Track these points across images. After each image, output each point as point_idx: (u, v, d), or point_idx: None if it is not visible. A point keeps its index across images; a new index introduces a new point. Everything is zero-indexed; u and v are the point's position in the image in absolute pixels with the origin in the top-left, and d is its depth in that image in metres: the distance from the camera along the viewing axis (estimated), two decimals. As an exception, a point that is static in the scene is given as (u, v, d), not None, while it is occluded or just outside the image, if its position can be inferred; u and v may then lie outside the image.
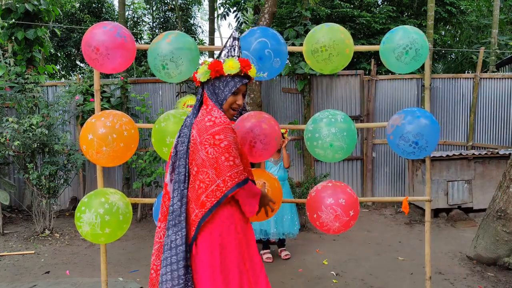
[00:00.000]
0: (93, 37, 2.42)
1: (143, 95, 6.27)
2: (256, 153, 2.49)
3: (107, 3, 12.55)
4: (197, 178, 1.95)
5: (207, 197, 1.92)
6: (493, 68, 7.75)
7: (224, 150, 1.89)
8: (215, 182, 1.90)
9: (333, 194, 2.52)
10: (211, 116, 1.95)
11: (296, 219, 4.31)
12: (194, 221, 1.95)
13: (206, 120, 1.94)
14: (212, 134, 1.89)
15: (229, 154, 1.90)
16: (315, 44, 2.52)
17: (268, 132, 2.48)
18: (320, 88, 6.76)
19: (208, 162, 1.90)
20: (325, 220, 2.53)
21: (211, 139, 1.89)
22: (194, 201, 1.97)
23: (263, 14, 6.14)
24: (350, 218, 2.51)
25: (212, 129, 1.90)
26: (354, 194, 2.62)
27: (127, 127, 2.51)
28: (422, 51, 2.52)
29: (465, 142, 6.74)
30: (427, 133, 2.50)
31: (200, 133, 1.93)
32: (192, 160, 1.97)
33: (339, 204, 2.49)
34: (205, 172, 1.92)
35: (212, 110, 1.98)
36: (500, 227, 3.94)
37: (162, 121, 2.54)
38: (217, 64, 1.99)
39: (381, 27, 8.49)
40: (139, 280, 3.85)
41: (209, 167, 1.90)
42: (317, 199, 2.58)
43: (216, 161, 1.89)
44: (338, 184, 2.64)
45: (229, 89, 2.00)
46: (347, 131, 2.53)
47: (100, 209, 2.44)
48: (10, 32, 6.27)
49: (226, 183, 1.90)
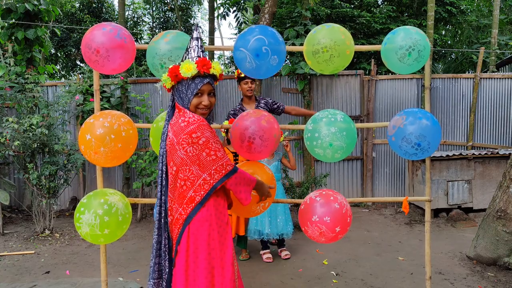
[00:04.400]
0: (93, 39, 2.41)
1: (143, 95, 6.27)
2: (255, 149, 2.49)
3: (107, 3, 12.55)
4: (177, 178, 1.99)
5: (195, 191, 1.96)
6: (493, 68, 7.75)
7: (203, 146, 1.93)
8: (200, 177, 1.95)
9: (318, 211, 2.51)
10: (184, 118, 1.99)
11: (290, 219, 4.32)
12: (178, 219, 2.00)
13: (180, 122, 1.98)
14: (189, 133, 1.93)
15: (210, 149, 1.94)
16: (316, 45, 2.52)
17: (267, 129, 2.49)
18: (320, 88, 6.76)
19: (189, 160, 1.94)
20: (311, 235, 2.57)
21: (188, 138, 1.93)
22: (177, 201, 2.01)
23: (263, 14, 6.14)
24: (336, 233, 2.52)
25: (188, 128, 1.93)
26: (344, 208, 2.55)
27: (125, 127, 2.49)
28: (424, 53, 2.51)
29: (465, 142, 6.75)
30: (429, 134, 2.50)
31: (176, 134, 1.96)
32: (170, 161, 2.01)
33: (324, 222, 2.49)
34: (187, 170, 1.95)
35: (185, 112, 2.02)
36: (500, 227, 3.94)
37: (160, 120, 2.54)
38: (175, 69, 2.01)
39: (381, 27, 8.50)
40: (139, 280, 3.85)
41: (191, 165, 1.94)
42: (304, 213, 2.59)
43: (198, 158, 1.93)
44: (327, 197, 2.58)
45: (191, 91, 2.01)
46: (346, 131, 2.53)
47: (99, 210, 2.43)
48: (10, 32, 6.27)
49: (212, 176, 1.95)
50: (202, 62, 2.01)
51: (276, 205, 4.20)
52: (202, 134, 1.94)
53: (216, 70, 2.06)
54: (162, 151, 2.06)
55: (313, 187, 5.77)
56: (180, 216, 1.99)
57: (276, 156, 4.27)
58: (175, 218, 2.02)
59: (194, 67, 1.99)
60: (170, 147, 2.00)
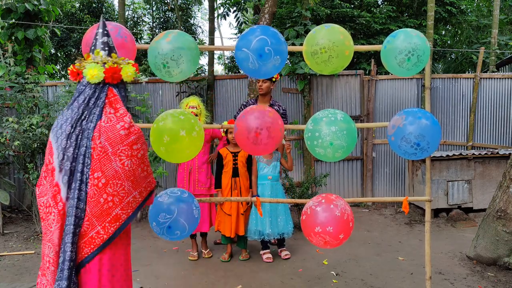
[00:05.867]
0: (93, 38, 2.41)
1: (143, 95, 6.27)
2: (261, 141, 2.48)
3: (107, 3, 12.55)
4: (104, 192, 1.75)
5: (122, 209, 1.77)
6: (493, 68, 7.75)
7: (140, 161, 1.82)
8: (131, 194, 1.80)
9: (320, 222, 2.53)
10: (124, 123, 1.80)
11: (290, 218, 4.32)
12: (94, 238, 1.75)
13: (119, 128, 1.78)
14: (130, 145, 1.78)
15: (144, 164, 1.85)
16: (315, 45, 2.52)
17: (273, 120, 2.52)
18: (320, 88, 6.76)
19: (124, 174, 1.76)
20: (316, 244, 2.63)
21: (128, 150, 1.77)
22: (97, 217, 1.75)
23: (263, 14, 6.14)
24: (340, 240, 2.57)
25: (129, 139, 1.78)
26: (345, 214, 2.57)
27: None
28: (423, 57, 2.51)
29: (465, 142, 6.75)
30: (429, 134, 2.49)
31: (113, 143, 1.76)
32: (96, 170, 1.75)
33: (327, 232, 2.52)
34: (119, 185, 1.76)
35: (124, 114, 1.84)
36: (500, 227, 3.94)
37: (160, 120, 2.53)
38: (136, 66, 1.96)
39: (381, 27, 8.49)
40: (139, 280, 3.85)
41: (124, 180, 1.77)
42: (307, 224, 2.61)
43: (133, 173, 1.79)
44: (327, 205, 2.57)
45: None
46: (347, 130, 2.53)
47: None
48: (10, 32, 6.27)
49: (142, 194, 1.85)
50: None
51: (276, 205, 4.20)
52: (141, 147, 1.82)
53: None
54: (84, 151, 1.77)
55: (313, 187, 5.77)
56: (97, 236, 1.75)
57: (275, 156, 4.27)
58: (89, 236, 1.76)
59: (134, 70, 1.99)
60: (102, 155, 1.75)
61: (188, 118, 2.53)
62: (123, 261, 1.87)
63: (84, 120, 1.82)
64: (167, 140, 2.43)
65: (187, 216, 2.52)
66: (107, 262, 1.80)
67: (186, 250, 4.68)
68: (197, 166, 4.37)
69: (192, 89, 6.65)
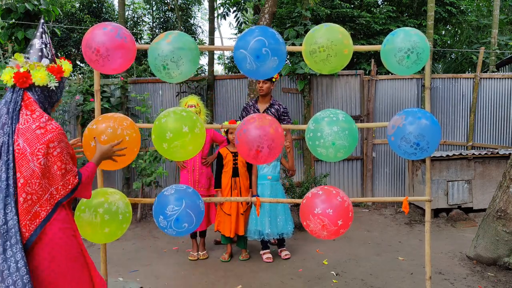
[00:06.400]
0: (93, 38, 2.41)
1: (143, 95, 6.27)
2: (261, 158, 2.50)
3: (107, 3, 12.54)
4: (23, 191, 1.82)
5: (41, 207, 1.85)
6: (493, 68, 7.75)
7: (57, 158, 1.88)
8: (48, 191, 1.87)
9: (320, 204, 2.52)
10: (39, 123, 1.88)
11: (290, 218, 4.32)
12: (25, 234, 1.82)
13: (34, 128, 1.87)
14: (46, 143, 1.85)
15: (61, 162, 1.89)
16: (313, 44, 2.52)
17: (274, 137, 2.50)
18: (320, 88, 6.76)
19: (40, 172, 1.84)
20: (313, 229, 2.56)
21: (44, 148, 1.84)
22: (22, 215, 1.82)
23: (263, 14, 6.14)
24: (338, 227, 2.51)
25: (45, 137, 1.86)
26: (346, 202, 2.57)
27: (128, 131, 2.48)
28: (423, 55, 2.51)
29: (465, 142, 6.75)
30: (429, 134, 2.50)
31: (31, 143, 1.84)
32: (17, 171, 1.83)
33: (326, 214, 2.49)
34: (37, 183, 1.84)
35: (41, 116, 1.91)
36: (500, 227, 3.94)
37: (163, 117, 2.53)
38: (59, 69, 2.03)
39: (381, 28, 8.49)
40: (139, 280, 3.85)
41: (41, 178, 1.84)
42: (306, 207, 2.60)
43: (48, 170, 1.86)
44: (329, 192, 2.59)
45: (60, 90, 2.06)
46: (348, 130, 2.53)
47: (99, 208, 2.43)
48: (10, 32, 6.26)
49: (59, 191, 1.89)
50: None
51: (276, 205, 4.20)
52: (59, 144, 1.89)
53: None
54: (6, 158, 1.84)
55: (313, 187, 5.76)
56: (27, 232, 1.82)
57: None
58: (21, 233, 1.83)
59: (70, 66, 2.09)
60: (20, 157, 1.84)
61: (190, 115, 2.54)
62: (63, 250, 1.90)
63: (5, 125, 1.88)
64: (170, 136, 2.43)
65: (194, 208, 2.53)
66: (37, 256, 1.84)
67: (186, 250, 4.68)
68: (198, 167, 4.37)
69: (192, 89, 6.65)
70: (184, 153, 2.55)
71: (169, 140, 2.45)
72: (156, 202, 2.58)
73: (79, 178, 1.98)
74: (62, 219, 1.93)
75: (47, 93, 2.00)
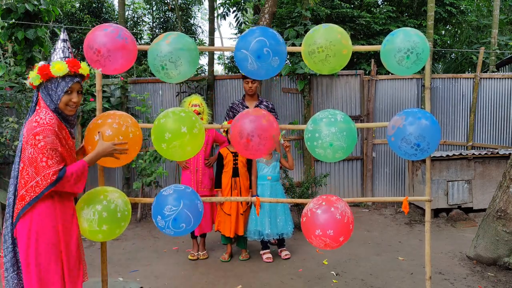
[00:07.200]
0: (94, 39, 2.43)
1: (143, 95, 6.27)
2: (252, 147, 2.49)
3: (107, 3, 12.55)
4: (22, 175, 2.12)
5: (26, 191, 2.09)
6: (493, 68, 7.75)
7: (39, 151, 2.05)
8: (34, 179, 2.07)
9: (321, 225, 2.53)
10: (38, 117, 2.12)
11: (290, 219, 4.32)
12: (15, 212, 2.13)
13: (33, 121, 2.11)
14: (34, 135, 2.06)
15: (43, 155, 2.06)
16: (312, 45, 2.53)
17: (266, 128, 2.50)
18: (320, 88, 6.76)
19: (28, 161, 2.07)
20: (317, 246, 2.65)
21: (32, 139, 2.06)
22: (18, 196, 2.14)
23: (263, 14, 6.15)
24: (340, 242, 2.58)
25: (35, 130, 2.07)
26: (345, 217, 2.57)
27: (133, 129, 2.53)
28: (423, 55, 2.51)
29: (465, 142, 6.75)
30: (429, 134, 2.49)
31: (27, 133, 2.10)
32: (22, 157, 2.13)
33: (327, 235, 2.53)
34: (26, 170, 2.09)
35: (41, 111, 2.16)
36: (500, 227, 3.95)
37: (162, 117, 2.55)
38: (45, 68, 2.17)
39: (381, 28, 8.49)
40: (139, 280, 3.85)
41: (29, 166, 2.08)
42: (307, 227, 2.62)
43: (35, 160, 2.06)
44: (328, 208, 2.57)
45: (61, 89, 2.18)
46: (347, 131, 2.53)
47: (98, 205, 2.43)
48: (10, 32, 6.26)
49: (42, 181, 2.07)
50: (72, 63, 2.19)
51: (276, 205, 4.20)
52: (44, 138, 2.06)
53: (84, 70, 2.25)
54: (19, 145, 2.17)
55: (313, 187, 5.77)
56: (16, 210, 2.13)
57: (274, 156, 4.27)
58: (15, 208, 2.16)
59: (66, 67, 2.17)
60: (22, 145, 2.13)
61: (189, 116, 2.55)
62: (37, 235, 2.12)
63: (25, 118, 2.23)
64: (168, 136, 2.45)
65: (192, 208, 2.54)
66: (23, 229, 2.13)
67: (186, 250, 4.68)
68: (201, 167, 4.37)
69: (192, 89, 6.65)
70: (182, 153, 2.56)
71: (168, 141, 2.46)
72: (155, 202, 2.59)
73: (61, 174, 2.10)
74: (45, 207, 2.13)
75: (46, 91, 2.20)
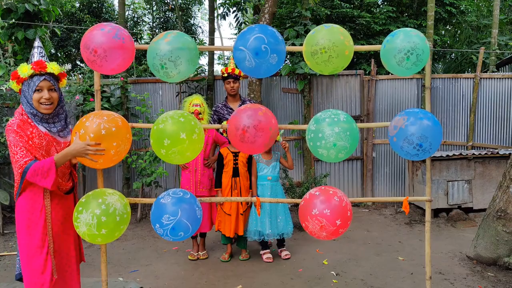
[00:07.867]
0: (91, 39, 2.41)
1: (143, 95, 6.27)
2: (248, 139, 2.46)
3: (107, 3, 12.55)
4: None
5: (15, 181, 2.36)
6: (493, 68, 7.75)
7: (10, 149, 2.32)
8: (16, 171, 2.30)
9: (318, 205, 2.50)
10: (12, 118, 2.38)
11: (290, 219, 4.32)
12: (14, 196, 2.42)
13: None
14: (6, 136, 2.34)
15: (11, 152, 2.30)
16: (315, 46, 2.51)
17: (262, 120, 2.48)
18: (320, 88, 6.76)
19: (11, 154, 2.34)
20: (312, 230, 2.54)
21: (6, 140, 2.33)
22: None
23: (263, 14, 6.15)
24: (337, 227, 2.49)
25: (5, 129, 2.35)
26: (343, 202, 2.55)
27: (106, 125, 2.37)
28: (423, 56, 2.51)
29: (465, 142, 6.75)
30: (431, 135, 2.48)
31: None
32: None
33: (324, 215, 2.47)
34: None
35: (16, 112, 2.39)
36: (500, 227, 3.95)
37: (161, 122, 2.50)
38: (15, 73, 2.37)
39: (381, 28, 8.49)
40: (139, 280, 3.85)
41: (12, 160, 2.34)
42: (304, 209, 2.58)
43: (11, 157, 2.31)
44: (326, 192, 2.58)
45: (31, 88, 2.36)
46: (350, 131, 2.52)
47: (96, 209, 2.42)
48: (10, 32, 6.26)
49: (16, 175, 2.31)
50: (36, 63, 2.36)
51: (276, 205, 4.20)
52: (8, 137, 2.32)
53: (53, 69, 2.40)
54: None
55: (313, 187, 5.77)
56: None
57: (274, 157, 4.27)
58: None
59: (29, 68, 2.35)
60: None
61: (189, 120, 2.51)
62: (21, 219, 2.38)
63: None
64: (167, 143, 2.42)
65: (190, 217, 2.52)
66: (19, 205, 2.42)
67: (186, 250, 4.68)
68: (200, 168, 4.37)
69: (192, 89, 6.65)
70: (182, 159, 2.55)
71: (167, 147, 2.43)
72: (153, 210, 2.57)
73: (26, 168, 2.28)
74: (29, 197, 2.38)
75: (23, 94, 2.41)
